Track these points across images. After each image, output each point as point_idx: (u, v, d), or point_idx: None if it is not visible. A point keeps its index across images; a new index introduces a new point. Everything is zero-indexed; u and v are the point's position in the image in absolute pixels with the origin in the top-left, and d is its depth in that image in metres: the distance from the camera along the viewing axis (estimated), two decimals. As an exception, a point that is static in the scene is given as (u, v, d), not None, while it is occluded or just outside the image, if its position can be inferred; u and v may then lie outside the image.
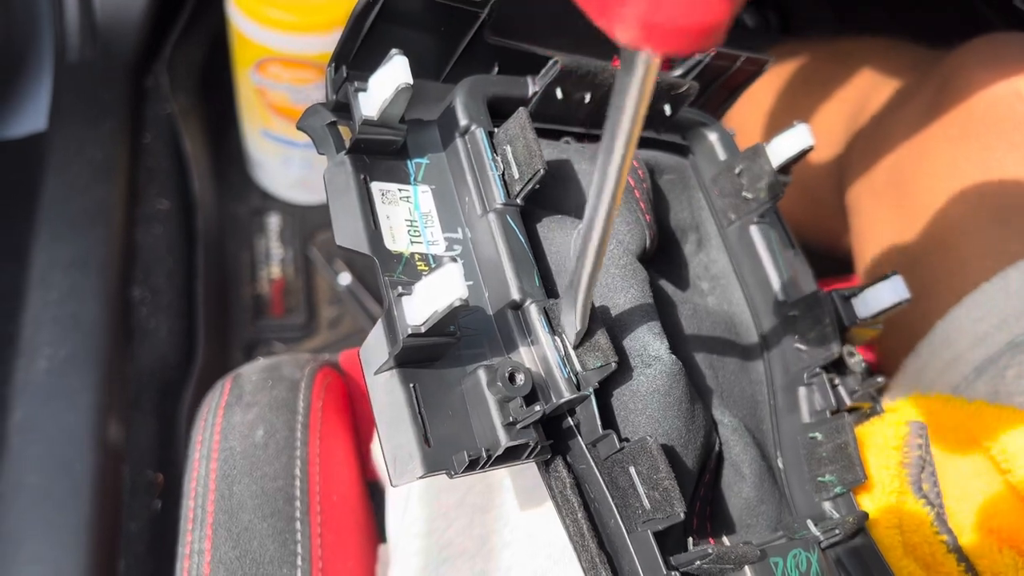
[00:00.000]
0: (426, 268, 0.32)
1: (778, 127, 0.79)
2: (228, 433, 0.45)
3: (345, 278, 0.94)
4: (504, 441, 0.29)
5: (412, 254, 0.32)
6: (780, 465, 0.38)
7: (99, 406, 0.63)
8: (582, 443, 0.31)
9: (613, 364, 0.30)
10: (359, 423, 0.54)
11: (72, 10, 0.80)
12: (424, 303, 0.28)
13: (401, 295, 0.29)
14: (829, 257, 0.74)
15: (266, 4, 0.77)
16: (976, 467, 0.42)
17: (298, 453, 0.46)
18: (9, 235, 0.72)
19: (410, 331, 0.28)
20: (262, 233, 0.96)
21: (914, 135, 0.59)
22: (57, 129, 0.77)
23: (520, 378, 0.29)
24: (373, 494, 0.52)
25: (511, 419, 0.29)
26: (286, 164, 0.93)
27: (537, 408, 0.29)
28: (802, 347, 0.39)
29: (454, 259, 0.28)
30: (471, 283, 0.33)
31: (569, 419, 0.32)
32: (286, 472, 0.45)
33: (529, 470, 0.38)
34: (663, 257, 0.40)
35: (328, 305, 0.94)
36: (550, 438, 0.31)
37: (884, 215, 0.60)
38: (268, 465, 0.44)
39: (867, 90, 0.70)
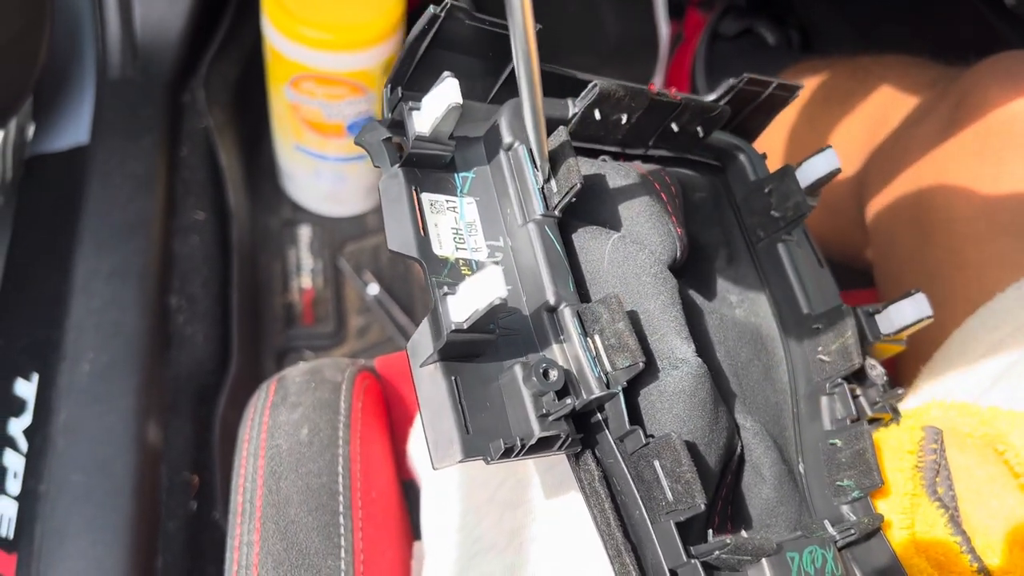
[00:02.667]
0: (469, 272, 0.34)
1: (799, 142, 0.81)
2: (275, 431, 0.47)
3: (373, 288, 0.96)
4: (537, 431, 0.31)
5: (457, 259, 0.34)
6: (801, 470, 0.40)
7: (138, 409, 0.66)
8: (610, 438, 0.33)
9: (640, 364, 0.32)
10: (395, 425, 0.56)
11: (114, 29, 0.83)
12: (467, 302, 0.30)
13: (446, 294, 0.31)
14: (851, 269, 0.76)
15: (301, 23, 0.80)
16: (990, 472, 0.44)
17: (340, 451, 0.48)
18: (54, 245, 0.74)
19: (453, 327, 0.30)
20: (293, 244, 0.99)
21: (932, 150, 0.61)
22: (99, 143, 0.80)
23: (554, 374, 0.31)
24: (408, 493, 0.54)
25: (544, 411, 0.31)
26: (317, 177, 0.96)
27: (568, 401, 0.31)
28: (825, 358, 0.41)
29: (495, 262, 0.30)
30: (511, 287, 0.35)
31: (599, 415, 0.33)
32: (329, 469, 0.47)
33: (556, 469, 0.40)
34: (694, 270, 0.42)
35: (356, 314, 0.97)
36: (580, 433, 0.33)
37: (902, 229, 0.62)
38: (312, 462, 0.46)
39: (886, 107, 0.72)
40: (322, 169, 0.94)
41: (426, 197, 0.35)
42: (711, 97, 0.42)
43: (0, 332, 0.67)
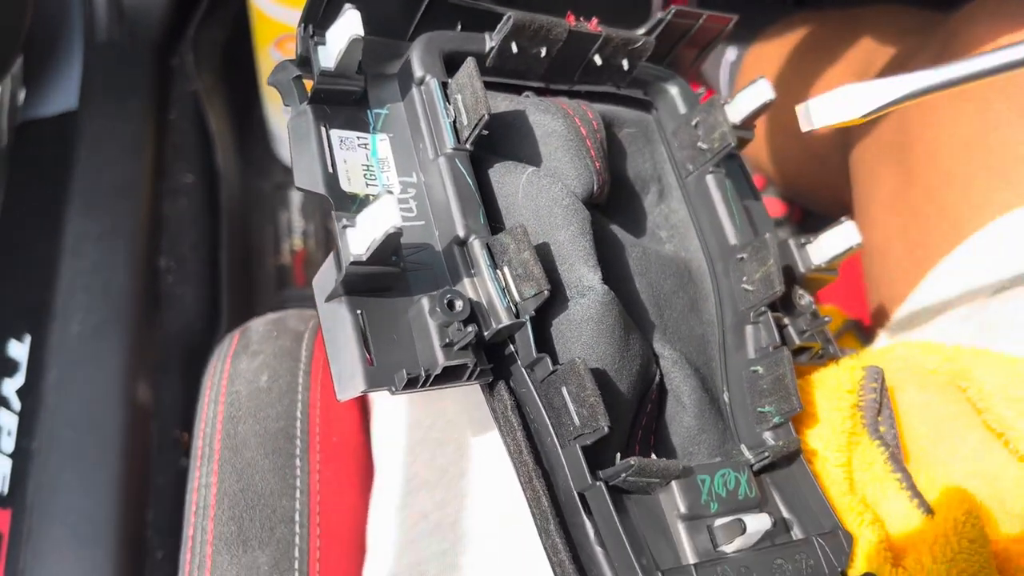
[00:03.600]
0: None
1: (787, 94, 0.80)
2: (235, 378, 0.48)
3: (363, 249, 0.97)
4: (442, 360, 0.31)
5: (367, 196, 0.35)
6: (726, 399, 0.40)
7: (128, 368, 0.66)
8: (521, 367, 0.34)
9: (545, 292, 0.32)
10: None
11: (100, -9, 0.84)
12: (364, 233, 0.31)
13: (345, 227, 0.31)
14: (834, 219, 0.75)
15: (281, -18, 0.80)
16: (952, 411, 0.43)
17: (299, 397, 0.49)
18: (44, 208, 0.76)
19: (352, 259, 0.31)
20: (284, 207, 1.00)
21: None
22: (87, 107, 0.81)
23: (459, 304, 0.32)
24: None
25: (448, 340, 0.31)
26: (306, 139, 0.96)
27: (470, 329, 0.31)
28: (749, 287, 0.41)
29: (389, 191, 0.30)
30: (423, 223, 0.35)
31: (511, 346, 0.34)
32: (288, 414, 0.48)
33: (484, 406, 0.41)
34: (621, 206, 0.42)
35: (347, 275, 0.98)
36: (492, 364, 0.34)
37: (886, 172, 0.61)
38: (271, 407, 0.48)
39: (873, 51, 0.71)
40: (310, 130, 0.95)
41: (336, 134, 0.35)
42: (641, 31, 0.42)
43: None
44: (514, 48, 0.38)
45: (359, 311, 0.32)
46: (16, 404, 0.65)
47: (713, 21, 0.43)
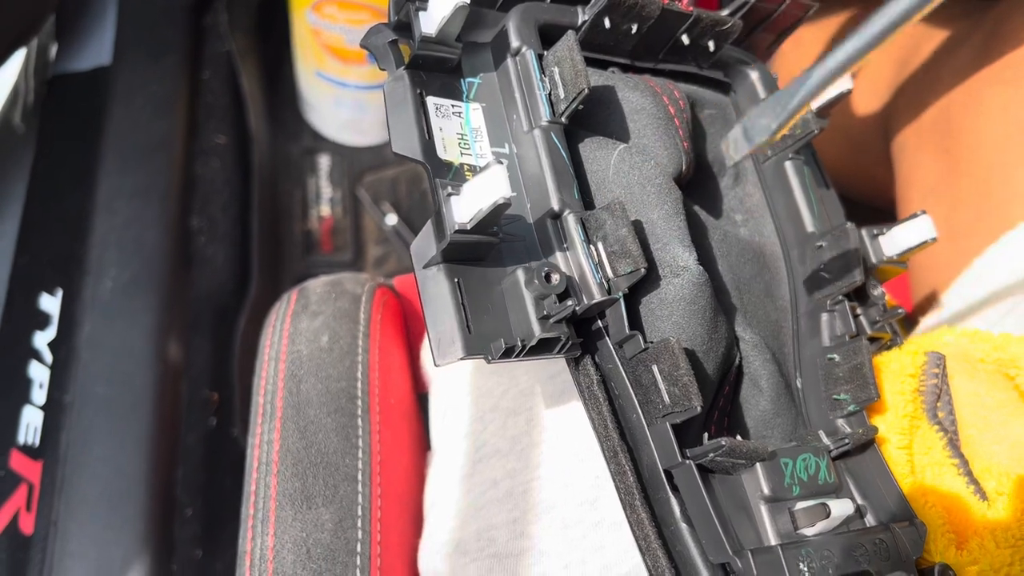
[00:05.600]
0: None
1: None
2: (296, 338, 0.48)
3: (391, 219, 0.97)
4: (538, 332, 0.31)
5: (461, 164, 0.35)
6: (799, 385, 0.40)
7: (159, 326, 0.67)
8: (610, 343, 0.34)
9: (642, 270, 0.32)
10: (412, 340, 0.57)
11: (135, -53, 0.83)
12: (470, 202, 0.30)
13: (450, 195, 0.31)
14: (872, 208, 0.75)
15: (325, -55, 0.79)
16: (999, 399, 0.44)
17: (359, 358, 0.50)
18: (76, 163, 0.75)
19: (456, 227, 0.30)
20: (313, 173, 1.00)
21: (964, 79, 0.60)
22: (121, 63, 0.80)
23: (556, 277, 0.32)
24: (423, 406, 0.56)
25: (545, 313, 0.32)
26: (337, 105, 0.96)
27: (569, 303, 0.31)
28: (826, 275, 0.41)
29: (499, 161, 0.30)
30: (515, 194, 0.35)
31: (599, 322, 0.34)
32: (348, 374, 0.48)
33: (557, 379, 0.41)
34: (700, 187, 0.42)
35: (375, 244, 0.97)
36: (580, 339, 0.34)
37: (928, 159, 0.61)
38: (332, 367, 0.48)
39: (917, 37, 0.70)
40: (343, 97, 0.94)
41: (431, 101, 0.35)
42: (725, 12, 0.42)
43: (25, 248, 0.69)
44: (606, 23, 0.38)
45: (457, 279, 0.32)
46: (48, 357, 0.65)
47: (795, 7, 0.43)
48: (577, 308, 0.33)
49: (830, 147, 0.86)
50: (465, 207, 0.31)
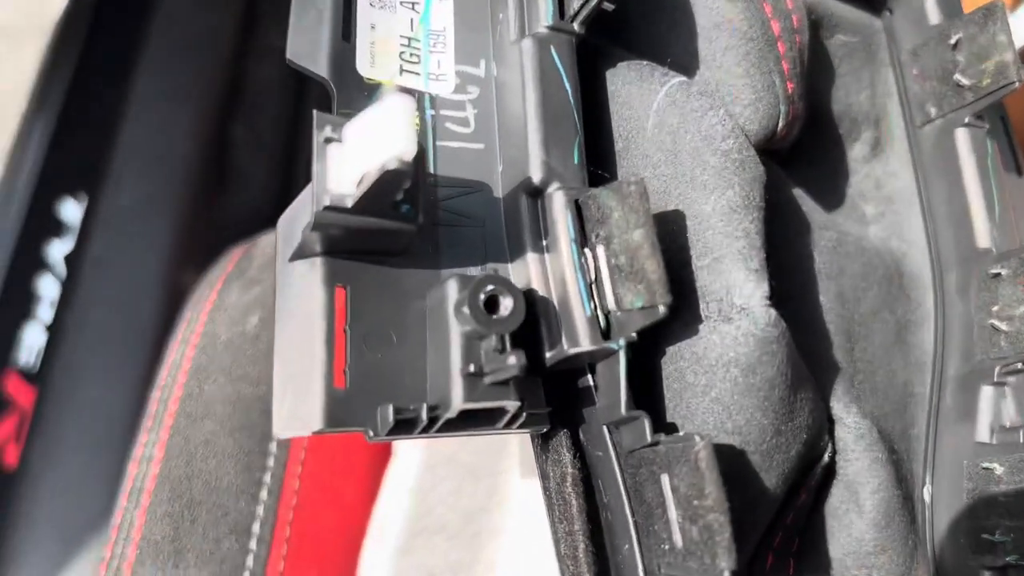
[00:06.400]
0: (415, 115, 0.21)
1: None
2: (216, 316, 0.35)
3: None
4: (457, 400, 0.18)
5: (398, 88, 0.21)
6: (927, 497, 0.25)
7: (176, 251, 0.59)
8: (602, 423, 0.20)
9: (662, 309, 0.18)
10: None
11: None
12: (354, 158, 0.17)
13: (329, 140, 0.18)
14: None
15: None
16: None
17: None
18: (119, 57, 0.68)
19: (329, 201, 0.17)
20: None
21: None
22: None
23: (506, 304, 0.18)
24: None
25: (478, 367, 0.18)
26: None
27: (513, 361, 0.17)
28: (1003, 326, 0.25)
29: (406, 90, 0.16)
30: (481, 147, 0.21)
31: (589, 378, 0.20)
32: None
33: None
34: (808, 156, 0.27)
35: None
36: (557, 399, 0.20)
37: None
38: (253, 365, 0.34)
39: None
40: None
41: (364, -22, 0.21)
42: None
43: (56, 145, 0.62)
44: None
45: (344, 285, 0.19)
46: (62, 270, 0.59)
47: None
48: (547, 355, 0.19)
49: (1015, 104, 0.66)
50: (347, 166, 0.17)
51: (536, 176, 0.20)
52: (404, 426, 0.18)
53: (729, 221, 0.20)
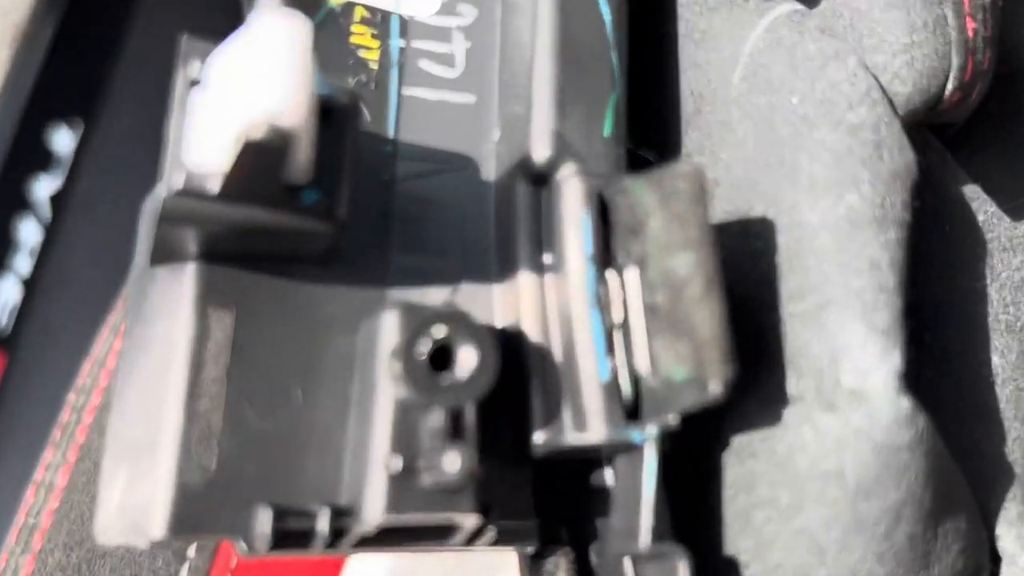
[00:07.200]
0: (373, 46, 0.14)
1: None
2: None
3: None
4: (375, 509, 0.11)
5: (349, 5, 0.14)
6: None
7: None
8: (616, 545, 0.13)
9: (714, 387, 0.11)
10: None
11: None
12: (220, 114, 0.10)
13: (194, 82, 0.11)
14: None
15: None
16: None
17: None
18: None
19: (184, 181, 0.10)
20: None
21: None
22: None
23: (464, 359, 0.11)
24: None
25: (408, 459, 0.11)
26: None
27: (450, 463, 0.10)
28: None
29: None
30: (471, 99, 0.15)
31: (607, 474, 0.13)
32: None
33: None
34: (995, 136, 0.19)
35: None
36: (557, 499, 0.13)
37: None
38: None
39: None
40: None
41: None
42: None
43: (52, 64, 0.58)
44: None
45: (222, 306, 0.12)
46: (46, 212, 0.54)
47: None
48: (536, 443, 0.12)
49: None
50: (214, 126, 0.11)
51: (540, 151, 0.13)
52: (293, 540, 0.12)
53: (848, 243, 0.12)
